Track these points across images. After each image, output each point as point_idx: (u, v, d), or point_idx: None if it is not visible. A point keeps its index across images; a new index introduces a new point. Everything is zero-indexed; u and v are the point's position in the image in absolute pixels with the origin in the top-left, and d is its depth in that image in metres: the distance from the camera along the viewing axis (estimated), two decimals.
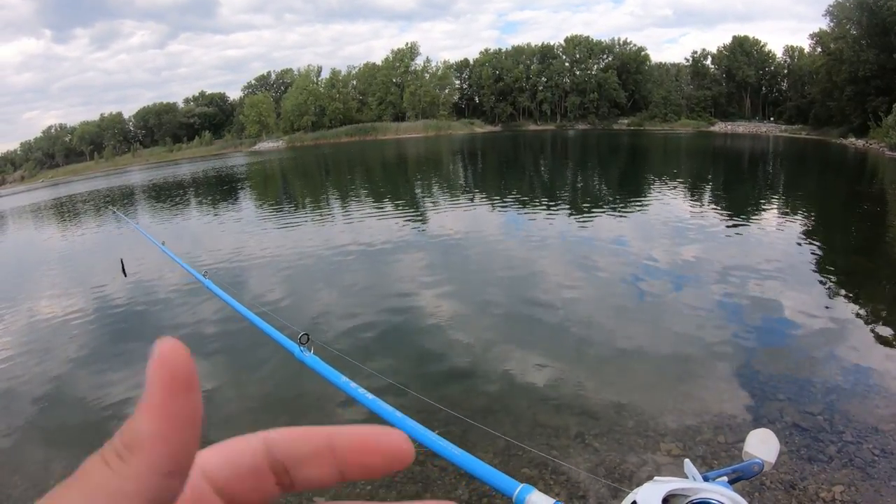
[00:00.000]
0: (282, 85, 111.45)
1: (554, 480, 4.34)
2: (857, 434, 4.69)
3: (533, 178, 28.30)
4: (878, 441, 4.57)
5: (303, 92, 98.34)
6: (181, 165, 71.79)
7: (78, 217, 28.07)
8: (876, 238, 12.55)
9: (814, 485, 4.08)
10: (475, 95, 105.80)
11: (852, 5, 47.40)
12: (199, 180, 42.37)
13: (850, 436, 4.67)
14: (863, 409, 5.10)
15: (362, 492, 4.32)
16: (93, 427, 5.78)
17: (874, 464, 4.29)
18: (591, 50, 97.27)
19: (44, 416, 6.22)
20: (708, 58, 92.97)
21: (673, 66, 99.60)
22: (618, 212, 16.17)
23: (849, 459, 4.37)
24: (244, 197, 29.50)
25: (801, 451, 4.51)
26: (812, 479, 4.14)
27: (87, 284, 12.12)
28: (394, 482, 4.36)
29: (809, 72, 69.80)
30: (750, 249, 11.27)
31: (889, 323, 7.32)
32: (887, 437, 4.63)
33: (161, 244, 3.77)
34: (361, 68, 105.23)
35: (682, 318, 7.70)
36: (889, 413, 5.00)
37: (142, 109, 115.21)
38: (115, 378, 6.98)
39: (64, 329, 9.19)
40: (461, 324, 7.98)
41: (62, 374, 7.35)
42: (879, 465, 4.27)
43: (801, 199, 19.04)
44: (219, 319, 8.67)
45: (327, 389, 6.22)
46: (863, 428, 4.78)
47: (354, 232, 14.77)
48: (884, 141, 34.33)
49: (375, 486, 4.30)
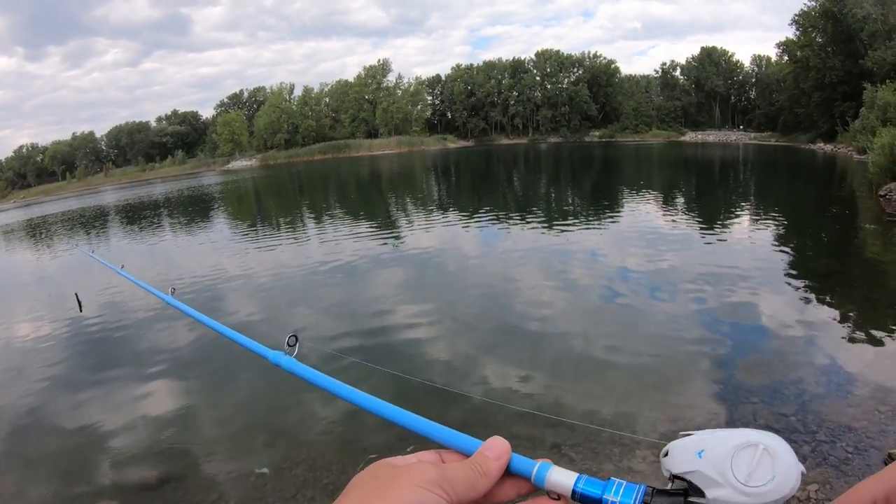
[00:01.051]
0: (255, 103, 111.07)
1: None
2: (831, 433, 4.71)
3: (506, 193, 28.38)
4: (851, 439, 4.59)
5: (276, 110, 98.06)
6: (154, 185, 71.02)
7: (40, 243, 27.46)
8: (846, 240, 12.73)
9: None
10: (447, 111, 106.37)
11: (818, 14, 48.43)
12: (172, 200, 41.89)
13: (823, 435, 4.69)
14: (836, 408, 5.13)
15: None
16: (51, 459, 5.64)
17: (848, 461, 4.30)
18: (561, 63, 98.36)
19: (9, 447, 6.04)
20: (677, 69, 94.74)
21: (643, 77, 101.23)
22: (592, 223, 16.25)
23: (823, 458, 4.37)
24: (217, 217, 29.17)
25: None
26: None
27: (43, 319, 11.60)
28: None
29: (777, 80, 71.37)
30: (723, 256, 11.36)
31: (860, 324, 7.40)
32: (860, 434, 4.65)
33: (119, 268, 3.65)
34: (334, 85, 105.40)
35: (657, 325, 7.72)
36: (861, 412, 5.03)
37: (114, 128, 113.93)
38: (71, 413, 6.82)
39: (16, 370, 8.95)
40: (437, 339, 7.92)
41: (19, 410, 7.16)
42: (853, 462, 4.29)
43: (773, 204, 19.30)
44: (190, 341, 8.53)
45: (309, 395, 6.15)
46: (836, 427, 4.80)
47: (329, 250, 14.61)
48: (851, 144, 35.02)
49: None
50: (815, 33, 49.71)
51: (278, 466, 4.96)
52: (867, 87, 33.37)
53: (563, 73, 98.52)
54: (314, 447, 5.26)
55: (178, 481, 4.94)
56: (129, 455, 5.44)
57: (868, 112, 31.83)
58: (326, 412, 5.84)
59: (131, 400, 6.72)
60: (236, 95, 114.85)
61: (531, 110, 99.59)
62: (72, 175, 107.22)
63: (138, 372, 7.58)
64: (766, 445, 0.49)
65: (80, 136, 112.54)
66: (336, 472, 4.75)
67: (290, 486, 4.63)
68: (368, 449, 5.00)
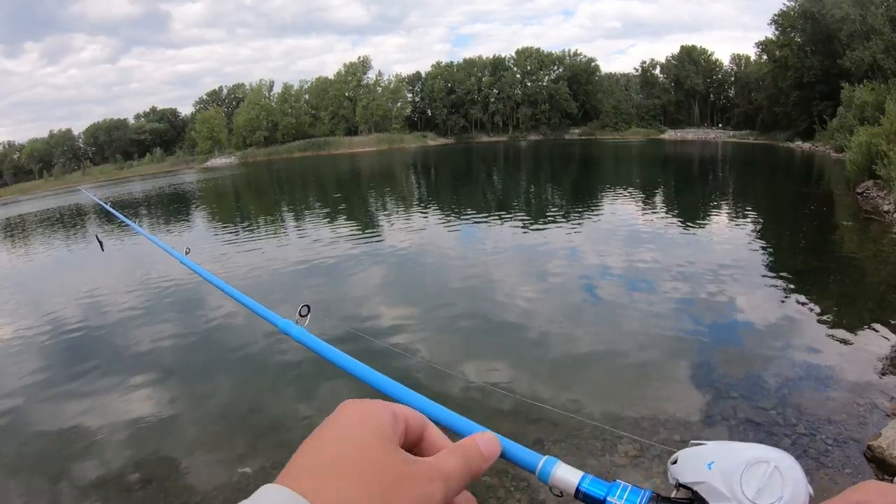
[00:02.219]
0: (234, 100, 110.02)
1: (514, 487, 4.29)
2: (811, 426, 4.76)
3: (486, 190, 28.36)
4: (830, 431, 4.64)
5: (255, 107, 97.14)
6: (133, 183, 70.10)
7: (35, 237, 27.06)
8: (824, 237, 12.88)
9: None
10: (427, 108, 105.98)
11: (797, 14, 48.84)
12: (150, 198, 41.42)
13: (803, 428, 4.74)
14: (815, 401, 5.19)
15: None
16: (45, 452, 5.55)
17: (828, 453, 4.35)
18: (541, 62, 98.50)
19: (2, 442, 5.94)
20: (657, 67, 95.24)
21: (623, 76, 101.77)
22: (571, 220, 16.29)
23: (803, 451, 4.42)
24: (196, 215, 28.90)
25: None
26: None
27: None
28: None
29: (756, 79, 71.89)
30: (702, 252, 11.47)
31: (837, 319, 7.50)
32: (839, 426, 4.70)
33: (135, 222, 3.61)
34: (314, 82, 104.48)
35: (637, 322, 7.76)
36: (840, 404, 5.09)
37: (91, 126, 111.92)
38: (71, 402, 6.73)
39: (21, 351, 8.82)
40: (416, 336, 7.91)
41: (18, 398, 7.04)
42: (833, 454, 4.33)
43: (751, 201, 19.52)
44: (176, 339, 8.45)
45: (293, 391, 6.11)
46: (815, 420, 4.85)
47: (308, 249, 14.51)
48: (829, 143, 35.46)
49: None
50: (794, 33, 50.12)
51: (261, 465, 4.91)
52: (845, 87, 33.83)
53: (543, 71, 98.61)
54: (298, 445, 5.20)
55: (160, 482, 4.87)
56: (107, 457, 5.37)
57: (846, 111, 32.29)
58: (309, 411, 5.80)
59: (109, 401, 6.63)
60: (215, 92, 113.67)
61: (511, 108, 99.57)
62: (49, 173, 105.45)
63: (117, 372, 7.49)
64: (777, 464, 0.50)
65: (58, 134, 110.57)
66: None
67: None
68: None
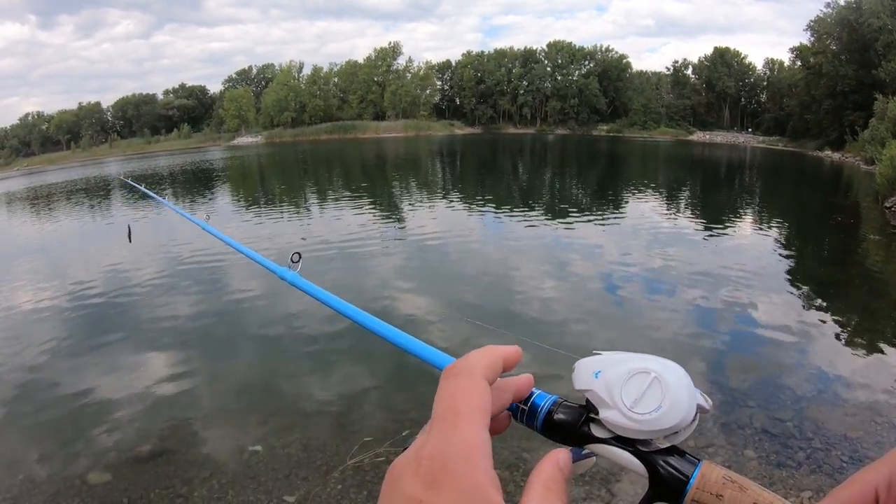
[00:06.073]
0: (263, 80, 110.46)
1: (525, 482, 4.28)
2: (826, 441, 4.70)
3: (511, 182, 28.30)
4: (846, 448, 4.58)
5: (283, 87, 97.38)
6: (159, 158, 70.71)
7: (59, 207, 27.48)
8: (849, 249, 12.69)
9: (782, 490, 4.06)
10: (456, 97, 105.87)
11: (833, 21, 48.07)
12: (175, 174, 41.82)
13: (819, 442, 4.68)
14: (832, 416, 5.12)
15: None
16: (67, 420, 5.66)
17: (842, 470, 4.29)
18: (573, 56, 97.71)
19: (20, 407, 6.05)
20: (688, 67, 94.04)
21: (654, 74, 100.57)
22: (595, 217, 16.22)
23: (817, 466, 4.37)
24: (220, 192, 29.15)
25: (770, 456, 4.51)
26: (781, 485, 4.13)
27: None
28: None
29: (788, 85, 70.84)
30: (725, 257, 11.34)
31: (859, 333, 7.40)
32: (855, 443, 4.65)
33: (156, 193, 3.69)
34: (343, 66, 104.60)
35: (655, 323, 7.71)
36: (858, 421, 5.02)
37: (120, 100, 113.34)
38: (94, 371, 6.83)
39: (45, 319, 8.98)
40: (433, 325, 7.92)
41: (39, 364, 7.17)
42: (848, 471, 4.28)
43: (777, 208, 19.26)
44: (192, 313, 8.55)
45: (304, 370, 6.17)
46: (832, 435, 4.79)
47: (330, 230, 14.62)
48: (860, 154, 34.84)
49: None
50: (830, 40, 49.34)
51: (271, 445, 4.96)
52: (878, 98, 33.17)
53: (573, 66, 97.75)
54: (308, 427, 5.26)
55: (170, 454, 4.94)
56: (120, 427, 5.45)
57: (878, 123, 31.63)
58: (322, 394, 5.85)
59: (127, 369, 6.73)
60: (245, 72, 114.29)
61: (540, 101, 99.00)
62: (76, 145, 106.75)
63: (136, 342, 7.60)
64: (658, 375, 0.52)
65: (87, 107, 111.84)
66: (329, 454, 4.75)
67: (283, 466, 4.63)
68: (362, 431, 5.00)
